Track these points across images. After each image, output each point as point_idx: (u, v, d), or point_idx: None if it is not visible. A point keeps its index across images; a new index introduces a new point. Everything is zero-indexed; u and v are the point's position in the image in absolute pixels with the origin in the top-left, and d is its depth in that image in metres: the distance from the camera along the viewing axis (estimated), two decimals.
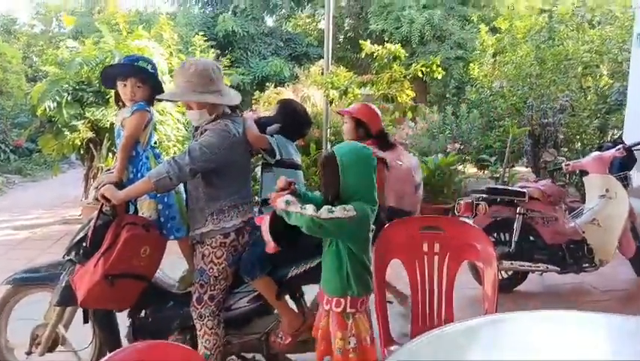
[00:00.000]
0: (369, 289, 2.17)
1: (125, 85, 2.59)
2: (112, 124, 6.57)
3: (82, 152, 7.15)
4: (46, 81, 6.81)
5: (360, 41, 6.82)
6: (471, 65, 9.84)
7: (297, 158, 2.80)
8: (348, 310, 2.10)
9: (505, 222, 4.18)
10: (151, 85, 2.65)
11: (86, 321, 2.60)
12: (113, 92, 2.79)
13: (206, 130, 2.43)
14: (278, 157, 2.64)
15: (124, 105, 2.69)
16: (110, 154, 6.56)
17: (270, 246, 2.18)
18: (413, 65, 6.50)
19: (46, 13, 18.85)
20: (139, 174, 2.58)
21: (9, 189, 10.45)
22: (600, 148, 4.69)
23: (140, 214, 2.58)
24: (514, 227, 4.12)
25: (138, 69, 2.62)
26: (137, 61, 2.67)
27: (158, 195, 2.56)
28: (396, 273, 2.58)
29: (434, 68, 6.35)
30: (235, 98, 2.53)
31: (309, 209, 1.95)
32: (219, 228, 2.47)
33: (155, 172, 2.35)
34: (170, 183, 2.32)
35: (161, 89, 2.72)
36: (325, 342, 2.19)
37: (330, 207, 1.97)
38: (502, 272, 4.24)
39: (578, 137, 7.71)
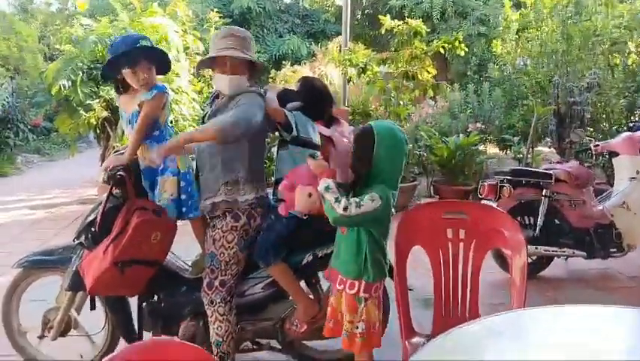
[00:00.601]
0: (384, 274, 2.15)
1: (134, 72, 2.41)
2: None
3: (98, 131, 7.12)
4: (61, 59, 6.74)
5: (380, 17, 6.60)
6: (494, 41, 9.54)
7: (316, 137, 2.66)
8: (361, 294, 2.08)
9: (529, 205, 4.04)
10: (157, 60, 2.52)
11: (93, 308, 2.53)
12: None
13: (240, 94, 2.36)
14: (294, 134, 2.51)
15: (125, 91, 2.54)
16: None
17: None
18: (434, 41, 6.27)
19: None
20: None
21: (28, 169, 10.55)
22: (630, 129, 4.50)
23: (162, 192, 2.46)
24: (540, 210, 3.98)
25: (145, 50, 2.46)
26: (137, 42, 2.43)
27: (182, 172, 2.48)
28: (415, 258, 2.45)
29: (456, 44, 6.12)
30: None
31: (340, 205, 1.93)
32: (232, 200, 2.40)
33: (218, 121, 2.25)
34: (232, 133, 2.21)
35: (168, 61, 2.60)
36: (334, 321, 2.17)
37: (357, 200, 1.94)
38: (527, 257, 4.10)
39: (605, 116, 7.44)
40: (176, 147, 2.28)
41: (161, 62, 2.55)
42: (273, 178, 2.64)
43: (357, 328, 2.07)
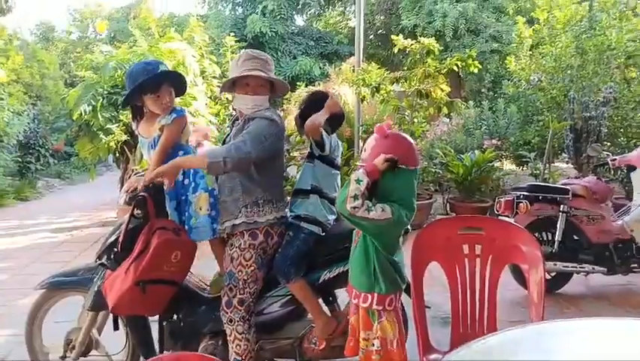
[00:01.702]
0: (398, 286, 2.13)
1: (158, 96, 2.47)
2: None
3: (117, 155, 7.26)
4: (82, 85, 6.93)
5: (393, 36, 6.67)
6: (507, 58, 9.54)
7: (339, 159, 2.71)
8: (375, 306, 2.06)
9: (547, 221, 4.03)
10: (175, 83, 2.59)
11: (116, 328, 2.57)
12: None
13: (252, 119, 2.40)
14: (326, 152, 2.56)
15: (142, 118, 2.60)
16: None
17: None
18: (447, 59, 6.31)
19: (82, 20, 19.35)
20: (189, 172, 2.51)
21: (49, 193, 10.77)
22: None
23: (197, 210, 2.49)
24: (558, 226, 3.96)
25: (166, 75, 2.54)
26: (157, 68, 2.50)
27: (210, 189, 2.52)
28: (432, 275, 2.46)
29: (470, 61, 6.15)
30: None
31: (353, 202, 1.90)
32: (252, 221, 2.43)
33: (212, 153, 2.33)
34: (222, 168, 2.27)
35: (183, 85, 2.67)
36: (355, 340, 2.16)
37: (369, 204, 1.92)
38: (545, 273, 4.06)
39: (622, 130, 7.38)
40: (166, 172, 2.30)
41: (178, 85, 2.62)
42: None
43: (373, 345, 2.05)
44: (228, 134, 2.61)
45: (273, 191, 2.48)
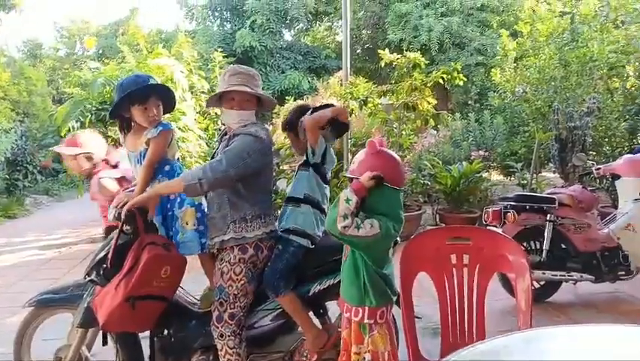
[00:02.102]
0: (389, 299, 2.14)
1: (145, 108, 2.50)
2: None
3: None
4: (70, 102, 6.91)
5: (379, 51, 6.76)
6: (492, 70, 9.69)
7: (329, 174, 2.73)
8: (366, 320, 2.08)
9: (535, 231, 4.07)
10: (164, 98, 2.61)
11: (105, 343, 2.56)
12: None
13: (237, 135, 2.42)
14: (317, 160, 2.58)
15: (129, 131, 2.62)
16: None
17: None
18: (433, 72, 6.40)
19: (70, 36, 19.35)
20: None
21: (37, 210, 10.65)
22: (631, 151, 4.54)
23: (183, 225, 2.52)
24: (545, 235, 4.01)
25: (155, 88, 2.58)
26: (147, 80, 2.55)
27: (197, 203, 2.54)
28: (421, 286, 2.49)
29: (455, 74, 6.24)
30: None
31: (342, 222, 1.93)
32: (240, 237, 2.44)
33: (189, 175, 2.34)
34: (199, 190, 2.30)
35: (173, 100, 2.69)
36: (347, 353, 2.16)
37: (358, 221, 1.94)
38: (534, 282, 4.10)
39: (607, 140, 7.50)
40: (143, 201, 2.34)
41: (167, 100, 2.65)
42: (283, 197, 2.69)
43: (364, 359, 2.07)
44: (217, 149, 2.63)
45: (260, 206, 2.49)
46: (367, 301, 2.07)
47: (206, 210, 2.57)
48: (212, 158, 2.60)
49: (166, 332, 2.64)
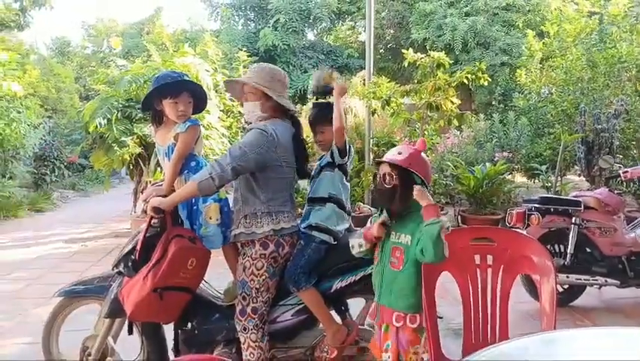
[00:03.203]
0: None
1: (176, 102, 2.57)
2: None
3: (131, 167, 7.36)
4: (97, 99, 7.06)
5: (403, 50, 6.73)
6: (518, 71, 9.58)
7: (349, 170, 2.76)
8: (423, 324, 2.14)
9: (559, 233, 4.02)
10: (195, 97, 2.67)
11: (130, 332, 2.62)
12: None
13: (245, 136, 2.49)
14: (347, 161, 2.61)
15: (160, 124, 2.69)
16: (159, 169, 6.72)
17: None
18: (457, 72, 6.35)
19: (97, 35, 19.70)
20: None
21: (63, 204, 10.90)
22: None
23: (207, 219, 2.57)
24: (570, 238, 3.95)
25: (187, 84, 2.64)
26: (181, 76, 2.66)
27: (222, 199, 2.60)
28: (443, 287, 2.48)
29: (479, 74, 6.18)
30: (289, 104, 2.61)
31: (446, 247, 2.00)
32: (250, 232, 2.47)
33: (198, 175, 2.38)
34: (212, 184, 2.34)
35: (204, 100, 2.75)
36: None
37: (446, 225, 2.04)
38: (558, 286, 4.05)
39: (635, 143, 7.36)
40: (165, 206, 2.36)
41: (199, 99, 2.70)
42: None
43: (424, 359, 2.13)
44: None
45: (272, 203, 2.48)
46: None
47: (230, 204, 2.63)
48: None
49: (190, 324, 2.68)
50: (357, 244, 2.27)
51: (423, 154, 2.22)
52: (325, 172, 2.62)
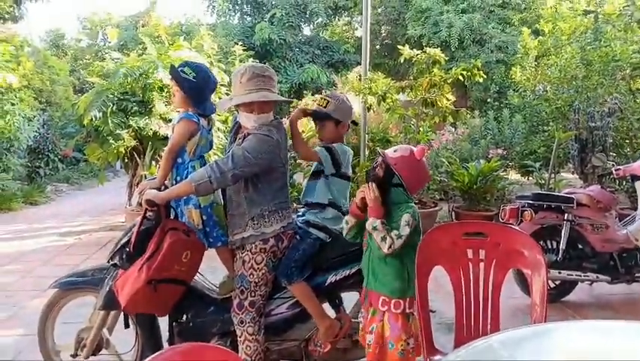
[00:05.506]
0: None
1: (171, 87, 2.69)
2: (155, 133, 6.73)
3: (126, 160, 7.35)
4: (92, 92, 7.03)
5: (399, 47, 6.75)
6: (513, 68, 9.60)
7: (349, 169, 2.75)
8: (408, 310, 2.23)
9: (552, 230, 4.05)
10: (188, 93, 2.61)
11: (127, 326, 2.64)
12: (155, 101, 2.83)
13: (249, 135, 2.44)
14: (332, 171, 2.62)
15: None
16: (154, 162, 6.71)
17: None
18: (453, 69, 6.37)
19: (92, 27, 19.55)
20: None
21: (57, 197, 10.85)
22: None
23: (189, 220, 2.60)
24: (562, 234, 3.99)
25: (174, 73, 2.61)
26: (184, 66, 2.61)
27: (202, 207, 2.59)
28: (436, 281, 2.51)
29: (475, 71, 6.20)
30: (277, 96, 2.56)
31: (386, 245, 2.10)
32: (259, 233, 2.47)
33: (197, 175, 2.37)
34: (210, 187, 2.35)
35: (202, 98, 2.68)
36: (380, 347, 2.23)
37: (397, 233, 2.12)
38: (550, 281, 4.09)
39: (628, 141, 7.40)
40: (159, 201, 2.37)
41: (196, 99, 2.64)
42: (302, 199, 2.73)
43: (409, 343, 2.22)
44: (229, 144, 2.65)
45: (278, 201, 2.50)
46: (410, 292, 2.22)
47: (213, 211, 2.64)
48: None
49: (185, 317, 2.70)
50: (344, 223, 2.35)
51: (420, 162, 2.27)
52: (321, 180, 2.64)
